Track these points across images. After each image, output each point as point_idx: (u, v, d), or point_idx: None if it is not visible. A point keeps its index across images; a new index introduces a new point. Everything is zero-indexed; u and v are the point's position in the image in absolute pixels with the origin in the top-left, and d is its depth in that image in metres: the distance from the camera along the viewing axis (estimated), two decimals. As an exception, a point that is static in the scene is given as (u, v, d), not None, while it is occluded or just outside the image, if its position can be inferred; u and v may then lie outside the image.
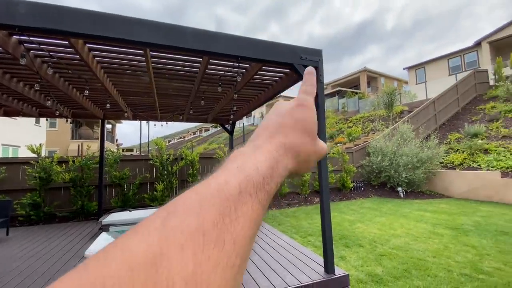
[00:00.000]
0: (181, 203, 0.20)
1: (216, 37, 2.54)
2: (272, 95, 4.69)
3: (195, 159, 7.29)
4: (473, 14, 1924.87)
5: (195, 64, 3.66)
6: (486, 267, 3.43)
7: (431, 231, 5.07)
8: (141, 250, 0.16)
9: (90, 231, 4.87)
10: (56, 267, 3.23)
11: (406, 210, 6.88)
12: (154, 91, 4.50)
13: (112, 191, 6.70)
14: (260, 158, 0.26)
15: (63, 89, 4.01)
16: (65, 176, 6.06)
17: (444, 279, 3.15)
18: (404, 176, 8.93)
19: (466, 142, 10.07)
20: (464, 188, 8.44)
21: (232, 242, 0.19)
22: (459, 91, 13.75)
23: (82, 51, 2.87)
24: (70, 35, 2.12)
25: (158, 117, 6.52)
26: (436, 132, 12.14)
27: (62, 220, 5.98)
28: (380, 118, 15.69)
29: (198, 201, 0.20)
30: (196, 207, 0.19)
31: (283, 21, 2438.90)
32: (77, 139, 21.65)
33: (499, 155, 8.65)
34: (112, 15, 2.11)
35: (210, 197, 0.20)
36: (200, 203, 0.20)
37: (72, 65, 3.47)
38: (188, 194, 0.21)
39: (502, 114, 11.29)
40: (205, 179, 0.23)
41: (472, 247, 4.16)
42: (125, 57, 3.38)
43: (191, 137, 53.02)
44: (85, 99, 4.89)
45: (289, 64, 2.83)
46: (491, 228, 5.13)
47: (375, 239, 4.67)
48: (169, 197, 6.84)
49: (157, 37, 2.27)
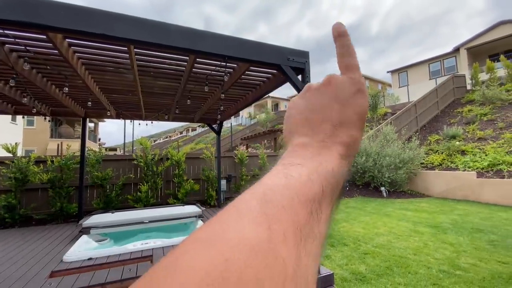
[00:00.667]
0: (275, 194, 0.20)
1: (203, 36, 2.51)
2: (260, 96, 4.70)
3: (181, 159, 7.17)
4: (452, 21, 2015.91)
5: (182, 63, 3.60)
6: (463, 263, 3.59)
7: (412, 229, 5.24)
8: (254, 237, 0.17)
9: (70, 234, 4.68)
10: (33, 272, 3.07)
11: (389, 209, 7.09)
12: (138, 89, 4.38)
13: (94, 192, 6.47)
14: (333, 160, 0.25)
15: (41, 85, 3.84)
16: (42, 177, 5.79)
17: (424, 276, 3.26)
18: (387, 176, 9.19)
19: (445, 143, 10.51)
20: (443, 188, 8.80)
21: (319, 235, 0.20)
22: (438, 95, 14.34)
23: (61, 46, 2.75)
24: (48, 29, 2.03)
25: (142, 116, 6.37)
26: (417, 133, 12.60)
27: (39, 222, 5.71)
28: (364, 120, 16.06)
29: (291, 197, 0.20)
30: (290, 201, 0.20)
31: (272, 22, 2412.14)
32: (56, 138, 20.78)
33: (475, 156, 9.09)
34: (93, 9, 2.04)
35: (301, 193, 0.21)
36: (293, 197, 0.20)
37: (51, 61, 3.32)
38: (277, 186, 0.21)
39: (478, 117, 11.87)
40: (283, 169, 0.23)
41: (450, 245, 4.34)
42: (108, 53, 3.27)
43: (178, 136, 52.23)
44: (65, 97, 4.70)
45: (276, 65, 2.84)
46: (467, 226, 5.37)
47: (359, 237, 4.77)
48: (153, 198, 6.70)
49: (141, 34, 2.21)
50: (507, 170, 7.76)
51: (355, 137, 0.28)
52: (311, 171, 0.23)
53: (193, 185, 7.07)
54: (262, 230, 0.17)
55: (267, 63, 2.82)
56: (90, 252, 3.50)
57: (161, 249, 3.66)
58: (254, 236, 0.17)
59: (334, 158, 0.25)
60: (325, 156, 0.25)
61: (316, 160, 0.24)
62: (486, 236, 4.72)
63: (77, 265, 3.19)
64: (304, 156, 0.25)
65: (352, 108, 0.28)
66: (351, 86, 0.29)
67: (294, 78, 2.91)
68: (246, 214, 0.18)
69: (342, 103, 0.28)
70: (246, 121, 34.96)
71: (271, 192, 0.20)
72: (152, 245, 3.77)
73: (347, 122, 0.27)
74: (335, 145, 0.26)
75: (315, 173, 0.23)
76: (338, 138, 0.27)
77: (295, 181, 0.21)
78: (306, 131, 0.28)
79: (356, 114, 0.28)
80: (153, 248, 3.68)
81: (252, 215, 0.18)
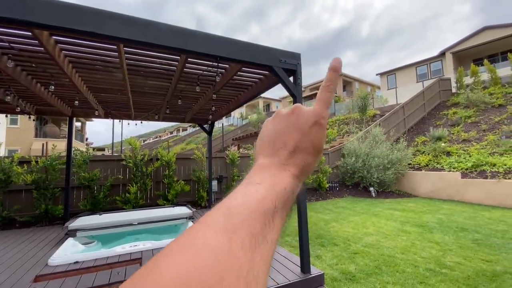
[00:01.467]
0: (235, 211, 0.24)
1: (195, 36, 2.49)
2: (252, 96, 4.70)
3: (172, 159, 7.09)
4: (439, 25, 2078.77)
5: (173, 62, 3.55)
6: (448, 262, 3.69)
7: (400, 228, 5.36)
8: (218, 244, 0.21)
9: (55, 237, 4.54)
10: (16, 276, 2.96)
11: (377, 209, 7.22)
12: (128, 89, 4.30)
13: (81, 193, 6.31)
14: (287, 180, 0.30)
15: (25, 83, 3.71)
16: (26, 178, 5.59)
17: (411, 274, 3.33)
18: (376, 176, 9.36)
19: (431, 145, 10.80)
20: (429, 188, 9.03)
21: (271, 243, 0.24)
22: (425, 97, 14.72)
23: (48, 44, 2.67)
24: (33, 25, 1.96)
25: (132, 116, 6.25)
26: (405, 135, 12.89)
27: (23, 225, 5.51)
28: (354, 121, 16.33)
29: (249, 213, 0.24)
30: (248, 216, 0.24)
31: (264, 22, 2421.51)
32: (41, 137, 20.14)
33: (460, 157, 9.38)
34: (81, 6, 1.99)
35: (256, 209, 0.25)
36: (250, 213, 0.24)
37: (36, 58, 3.22)
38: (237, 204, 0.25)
39: (462, 120, 12.26)
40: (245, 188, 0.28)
41: (436, 243, 4.46)
42: (96, 51, 3.19)
43: (168, 136, 51.58)
44: (50, 95, 4.56)
45: (268, 66, 2.84)
46: (452, 225, 5.53)
47: (349, 237, 4.83)
48: (143, 200, 6.59)
49: (131, 33, 2.17)
50: (490, 171, 8.04)
51: (308, 162, 0.32)
52: (267, 190, 0.27)
53: (183, 186, 7.00)
54: (224, 239, 0.21)
55: (259, 64, 2.82)
56: (76, 256, 3.40)
57: (150, 251, 3.61)
58: (217, 244, 0.21)
59: (288, 178, 0.30)
60: (280, 176, 0.30)
61: (272, 179, 0.29)
62: (471, 235, 4.88)
63: (63, 269, 3.10)
64: (263, 176, 0.30)
65: (308, 138, 0.32)
66: (311, 118, 0.33)
67: (286, 79, 2.92)
68: (212, 226, 0.22)
69: (301, 132, 0.33)
70: (238, 122, 34.89)
71: (233, 208, 0.25)
72: (141, 247, 3.71)
73: (302, 149, 0.32)
74: (290, 167, 0.31)
75: (270, 191, 0.27)
76: (293, 161, 0.31)
77: (252, 198, 0.26)
78: (269, 152, 0.33)
79: (311, 143, 0.32)
80: (143, 250, 3.62)
81: (217, 227, 0.22)
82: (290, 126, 0.33)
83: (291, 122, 0.33)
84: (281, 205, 0.27)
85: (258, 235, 0.23)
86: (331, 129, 16.97)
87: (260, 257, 0.22)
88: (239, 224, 0.23)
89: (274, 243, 0.25)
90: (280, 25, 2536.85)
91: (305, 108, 0.34)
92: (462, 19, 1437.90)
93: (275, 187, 0.28)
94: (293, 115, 0.34)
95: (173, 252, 0.20)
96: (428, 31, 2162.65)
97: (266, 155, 0.32)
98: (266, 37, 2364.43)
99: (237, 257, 0.20)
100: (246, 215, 0.24)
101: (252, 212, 0.24)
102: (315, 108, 0.33)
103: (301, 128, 0.33)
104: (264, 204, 0.26)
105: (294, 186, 0.30)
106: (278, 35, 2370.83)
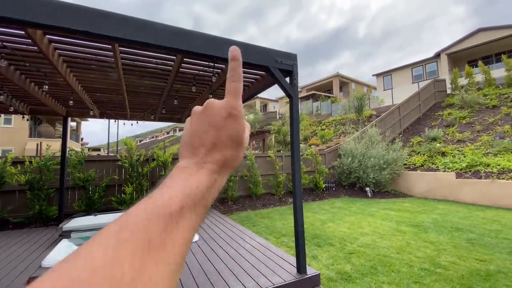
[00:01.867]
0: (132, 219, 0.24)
1: (191, 35, 2.48)
2: (249, 97, 4.69)
3: (168, 160, 7.05)
4: (434, 27, 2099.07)
5: (168, 62, 3.53)
6: (443, 262, 3.72)
7: (395, 228, 5.39)
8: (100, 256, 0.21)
9: (49, 238, 4.49)
10: (9, 278, 2.92)
11: (373, 209, 7.26)
12: (123, 89, 4.27)
13: (75, 194, 6.24)
14: (201, 178, 0.30)
15: (19, 83, 3.66)
16: (20, 178, 5.52)
17: (406, 274, 3.36)
18: (371, 176, 9.41)
19: (426, 145, 10.89)
20: (424, 188, 9.11)
21: (172, 245, 0.24)
22: (421, 98, 14.85)
23: (41, 43, 2.64)
24: (26, 24, 1.93)
25: (127, 116, 6.21)
26: (400, 135, 12.98)
27: (16, 226, 5.44)
28: (351, 122, 16.41)
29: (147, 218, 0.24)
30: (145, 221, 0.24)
31: (262, 23, 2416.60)
32: (36, 137, 19.91)
33: (454, 158, 9.47)
34: (75, 5, 1.96)
35: (157, 213, 0.25)
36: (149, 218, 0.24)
37: (30, 57, 3.18)
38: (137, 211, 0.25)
39: (457, 120, 12.39)
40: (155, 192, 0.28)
41: (431, 243, 4.49)
42: (91, 51, 3.16)
43: (164, 136, 51.32)
44: (44, 95, 4.51)
45: (265, 66, 2.84)
46: (447, 225, 5.58)
47: (344, 237, 4.85)
48: (138, 200, 6.47)
49: (126, 32, 2.15)
50: (484, 171, 8.14)
51: (227, 156, 0.32)
52: (174, 191, 0.27)
53: (180, 186, 6.96)
54: (108, 250, 0.21)
55: (255, 64, 2.81)
56: (70, 257, 3.36)
57: (146, 252, 3.57)
58: (99, 257, 0.21)
59: (203, 176, 0.30)
60: (194, 175, 0.30)
61: (184, 180, 0.29)
62: (465, 234, 4.93)
63: (57, 270, 3.06)
64: (175, 179, 0.30)
65: (224, 132, 0.32)
66: (223, 111, 0.32)
67: (282, 80, 2.92)
68: (101, 240, 0.22)
69: (216, 127, 0.32)
70: (235, 122, 34.76)
71: (129, 217, 0.25)
72: (136, 248, 3.67)
73: (219, 144, 0.32)
74: (207, 164, 0.31)
75: (177, 193, 0.27)
76: (210, 158, 0.31)
77: (154, 203, 0.26)
78: (188, 153, 0.33)
79: (228, 136, 0.32)
80: (138, 251, 3.59)
81: (103, 240, 0.22)
82: (205, 123, 0.33)
83: (205, 119, 0.33)
84: (191, 203, 0.27)
85: (154, 241, 0.23)
86: (327, 129, 17.03)
87: (156, 262, 0.22)
88: (131, 232, 0.23)
89: (181, 245, 0.25)
90: (278, 25, 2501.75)
91: (217, 102, 0.34)
92: (457, 20, 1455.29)
93: (186, 186, 0.28)
94: (206, 112, 0.33)
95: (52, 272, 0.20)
96: (423, 33, 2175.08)
97: (186, 157, 0.33)
98: (263, 37, 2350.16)
99: (119, 266, 0.20)
100: (141, 220, 0.24)
101: (150, 216, 0.24)
102: (226, 101, 0.33)
103: (215, 123, 0.32)
104: (168, 207, 0.25)
105: (210, 182, 0.30)
106: (276, 35, 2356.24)
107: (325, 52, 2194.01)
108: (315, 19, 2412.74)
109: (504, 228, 5.23)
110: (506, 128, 10.17)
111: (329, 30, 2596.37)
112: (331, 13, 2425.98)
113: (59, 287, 0.18)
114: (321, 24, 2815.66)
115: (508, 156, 8.42)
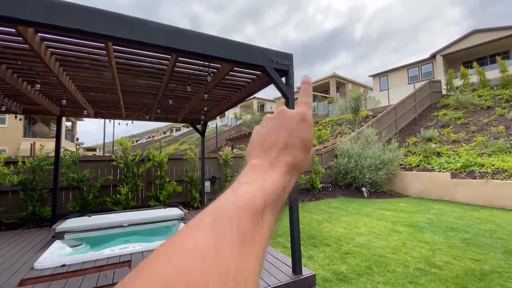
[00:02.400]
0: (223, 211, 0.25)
1: (186, 34, 2.45)
2: (245, 96, 4.67)
3: (164, 160, 7.00)
4: (430, 28, 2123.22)
5: (164, 61, 3.50)
6: (438, 261, 3.74)
7: (391, 228, 5.41)
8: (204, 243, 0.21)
9: (42, 239, 4.42)
10: (2, 279, 2.87)
11: (369, 209, 7.28)
12: (118, 88, 4.22)
13: (69, 194, 6.17)
14: (276, 178, 0.30)
15: (11, 82, 3.60)
16: (13, 179, 5.44)
17: (402, 274, 3.36)
18: (368, 177, 9.45)
19: (422, 145, 10.96)
20: (420, 188, 9.16)
21: (260, 242, 0.25)
22: (416, 99, 14.96)
23: (33, 41, 2.59)
24: (17, 22, 1.89)
25: (123, 116, 6.15)
26: (396, 136, 13.06)
27: (9, 227, 5.36)
28: (347, 122, 16.47)
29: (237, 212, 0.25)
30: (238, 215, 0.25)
31: (259, 23, 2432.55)
32: (30, 137, 19.68)
33: (449, 158, 9.55)
34: (67, 3, 1.93)
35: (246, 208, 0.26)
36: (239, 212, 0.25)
37: (21, 56, 3.13)
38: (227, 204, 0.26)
39: (452, 121, 12.49)
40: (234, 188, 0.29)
41: (426, 243, 4.51)
42: (84, 49, 3.11)
43: (161, 136, 51.09)
44: (37, 94, 4.45)
45: (261, 66, 2.82)
46: (442, 224, 5.62)
47: (341, 237, 4.85)
48: (134, 201, 6.49)
49: (120, 31, 2.12)
50: (478, 171, 8.21)
51: (298, 157, 0.34)
52: (256, 189, 0.28)
53: (176, 187, 6.92)
54: (211, 240, 0.21)
55: (251, 64, 2.80)
56: (63, 259, 3.31)
57: (140, 253, 3.54)
58: (204, 245, 0.21)
59: (277, 175, 0.31)
60: (269, 174, 0.31)
61: (261, 178, 0.30)
62: (460, 234, 4.96)
63: (49, 272, 3.01)
64: (252, 176, 0.30)
65: (297, 134, 0.34)
66: (297, 116, 0.36)
67: (278, 80, 2.91)
68: (199, 228, 0.23)
69: (289, 130, 0.35)
70: (232, 122, 34.79)
71: (220, 209, 0.25)
72: (131, 249, 3.64)
73: (291, 146, 0.34)
74: (280, 164, 0.32)
75: (259, 190, 0.28)
76: (282, 158, 0.33)
77: (241, 198, 0.26)
78: (259, 153, 0.34)
79: (300, 139, 0.34)
80: (132, 253, 3.55)
81: (204, 229, 0.23)
82: (278, 126, 0.35)
83: (279, 122, 0.36)
84: (271, 203, 0.28)
85: (247, 234, 0.23)
86: (324, 129, 17.07)
87: (249, 256, 0.22)
88: (227, 224, 0.23)
89: (264, 242, 0.25)
90: (275, 26, 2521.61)
91: (291, 110, 0.37)
92: (453, 22, 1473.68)
93: (264, 185, 0.29)
94: (279, 116, 0.36)
95: (160, 255, 0.20)
96: (419, 34, 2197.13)
97: (256, 156, 0.34)
98: (261, 38, 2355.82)
99: (224, 257, 0.21)
100: (234, 215, 0.24)
101: (241, 211, 0.25)
102: (299, 110, 0.37)
103: (288, 126, 0.35)
104: (254, 203, 0.26)
105: (284, 183, 0.31)
106: (273, 35, 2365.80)
107: (322, 53, 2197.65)
108: (312, 20, 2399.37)
109: (498, 228, 5.28)
110: (500, 129, 10.27)
111: (326, 31, 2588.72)
112: (328, 15, 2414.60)
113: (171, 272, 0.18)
114: (318, 25, 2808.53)
115: (502, 157, 8.51)
